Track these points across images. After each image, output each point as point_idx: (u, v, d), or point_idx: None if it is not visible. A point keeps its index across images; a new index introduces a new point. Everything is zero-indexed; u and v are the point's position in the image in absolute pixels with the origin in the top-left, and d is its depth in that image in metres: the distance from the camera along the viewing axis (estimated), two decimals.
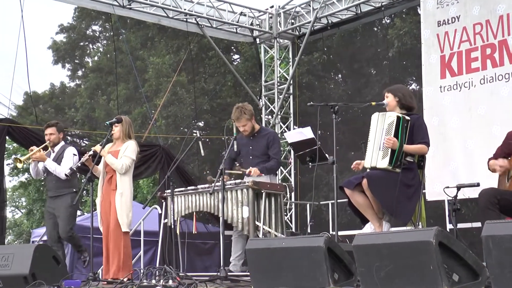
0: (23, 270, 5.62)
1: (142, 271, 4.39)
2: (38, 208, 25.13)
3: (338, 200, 5.63)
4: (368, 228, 5.73)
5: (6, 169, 21.67)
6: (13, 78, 9.35)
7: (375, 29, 15.37)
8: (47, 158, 7.28)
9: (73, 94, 22.27)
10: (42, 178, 7.71)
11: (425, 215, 5.93)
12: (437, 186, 8.18)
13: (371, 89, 14.53)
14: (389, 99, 5.76)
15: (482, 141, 8.15)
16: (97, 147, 6.64)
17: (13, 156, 7.85)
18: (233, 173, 6.83)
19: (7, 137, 9.50)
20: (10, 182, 25.85)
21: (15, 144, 21.58)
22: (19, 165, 7.39)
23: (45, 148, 7.40)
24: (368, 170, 5.72)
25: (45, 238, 7.53)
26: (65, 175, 7.08)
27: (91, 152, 6.69)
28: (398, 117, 5.51)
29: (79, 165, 6.87)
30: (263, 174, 6.70)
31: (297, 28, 12.16)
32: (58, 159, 7.34)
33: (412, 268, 3.51)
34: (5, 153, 10.54)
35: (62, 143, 7.55)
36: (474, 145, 8.32)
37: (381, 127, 5.56)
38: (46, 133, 7.48)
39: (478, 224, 7.23)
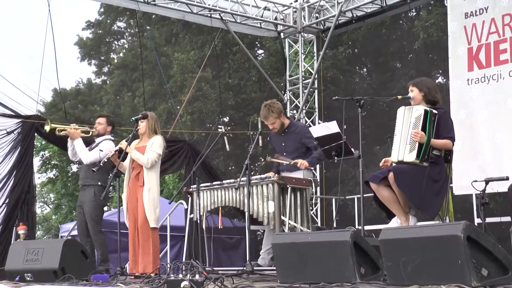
0: (52, 264, 5.72)
1: (169, 265, 4.42)
2: (65, 203, 25.42)
3: (364, 195, 5.60)
4: (395, 222, 5.69)
5: (35, 166, 21.93)
6: (41, 74, 9.44)
7: (401, 22, 15.24)
8: (79, 138, 7.34)
9: (99, 90, 22.47)
10: (65, 170, 7.79)
11: (453, 209, 5.88)
12: (464, 180, 8.11)
13: (396, 82, 14.43)
14: (414, 93, 5.70)
15: (511, 134, 8.05)
16: (123, 143, 6.66)
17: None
18: (280, 161, 6.81)
19: (35, 134, 9.61)
20: (38, 178, 26.19)
21: (43, 142, 21.90)
22: (47, 127, 7.40)
23: (86, 133, 7.46)
24: (394, 164, 5.68)
25: (73, 233, 7.60)
26: (92, 170, 7.11)
27: (116, 148, 6.72)
28: (426, 111, 5.46)
29: (106, 160, 6.89)
30: (312, 167, 6.67)
31: (322, 22, 12.11)
32: (94, 147, 7.41)
33: (440, 262, 3.48)
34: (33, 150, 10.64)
35: (108, 137, 7.59)
36: (502, 138, 8.22)
37: (408, 121, 5.52)
38: (96, 122, 7.58)
39: (507, 219, 7.16)
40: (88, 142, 7.57)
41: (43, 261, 5.85)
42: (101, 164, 6.91)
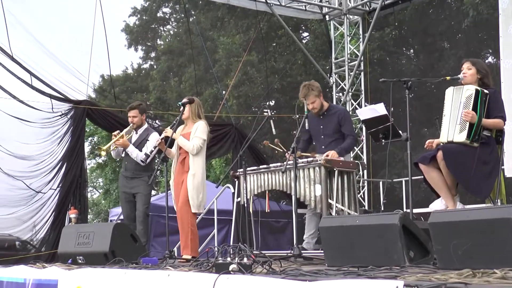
0: (103, 247, 5.81)
1: (217, 249, 4.44)
2: (114, 188, 25.87)
3: (412, 177, 5.52)
4: (439, 202, 5.60)
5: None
6: (90, 60, 9.56)
7: (449, 0, 14.91)
8: (130, 144, 7.35)
9: (146, 76, 22.69)
10: (119, 158, 7.86)
11: (505, 191, 5.75)
12: None
13: (445, 63, 14.15)
14: (471, 71, 5.53)
15: None
16: (168, 131, 6.66)
17: (97, 146, 7.93)
18: (304, 155, 6.77)
19: (86, 119, 9.76)
20: (88, 164, 26.67)
21: (91, 127, 22.26)
22: (103, 154, 7.50)
23: (129, 132, 7.50)
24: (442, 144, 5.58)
25: (122, 217, 7.70)
26: (141, 160, 7.18)
27: (162, 136, 6.73)
28: (477, 90, 5.34)
29: (153, 149, 6.95)
30: (342, 157, 6.58)
31: (367, 3, 11.94)
32: (141, 142, 7.42)
33: (491, 246, 3.40)
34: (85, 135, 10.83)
35: (146, 125, 7.64)
36: None
37: (458, 101, 5.41)
38: (129, 115, 7.54)
39: None
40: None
41: (94, 244, 5.94)
42: (150, 156, 6.96)
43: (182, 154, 6.72)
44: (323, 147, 6.85)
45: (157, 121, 11.88)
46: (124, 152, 7.50)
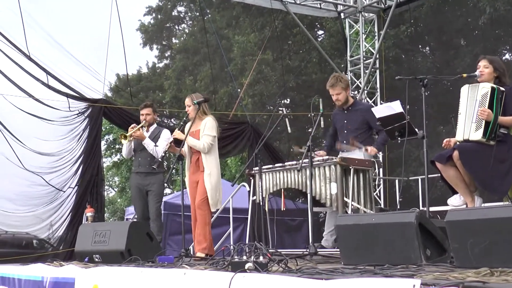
0: (119, 246, 5.84)
1: (232, 247, 4.45)
2: (130, 186, 26.02)
3: (429, 175, 5.49)
4: (457, 198, 5.57)
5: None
6: (107, 59, 9.60)
7: None
8: (146, 137, 7.43)
9: (161, 75, 22.75)
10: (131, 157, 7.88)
11: None
12: None
13: (461, 60, 14.05)
14: (488, 70, 5.48)
15: None
16: (177, 133, 6.67)
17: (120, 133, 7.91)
18: (350, 147, 6.74)
19: (103, 118, 9.81)
20: (103, 162, 26.79)
21: (106, 125, 22.36)
22: (124, 142, 7.48)
23: (142, 128, 7.54)
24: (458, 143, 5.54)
25: (129, 216, 7.73)
26: (153, 168, 7.15)
27: (171, 139, 6.75)
28: (493, 88, 5.29)
29: (163, 154, 7.01)
30: (380, 151, 6.61)
31: (382, 1, 11.89)
32: (153, 139, 7.47)
33: (509, 244, 3.37)
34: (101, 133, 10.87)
35: (155, 124, 7.71)
36: None
37: (474, 99, 5.37)
38: (143, 113, 7.59)
39: None
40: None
41: (110, 243, 5.97)
42: (160, 159, 6.99)
43: (195, 154, 6.72)
44: (344, 142, 6.82)
45: (172, 120, 11.92)
46: (135, 150, 7.55)
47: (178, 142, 6.81)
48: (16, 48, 8.94)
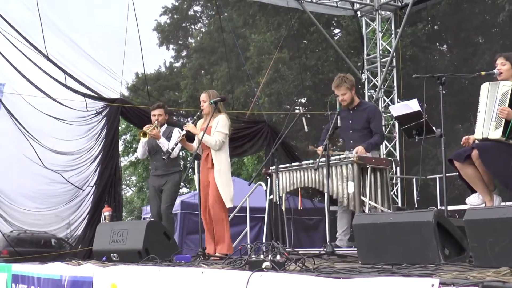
0: (137, 245, 5.86)
1: (249, 246, 4.45)
2: (147, 186, 26.10)
3: (447, 174, 5.45)
4: (476, 197, 5.53)
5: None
6: (124, 59, 9.64)
7: None
8: (161, 136, 7.44)
9: (177, 75, 22.81)
10: (147, 157, 7.90)
11: None
12: None
13: (479, 58, 13.93)
14: (506, 66, 5.43)
15: None
16: (189, 126, 6.66)
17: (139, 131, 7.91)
18: (336, 155, 6.72)
19: (120, 117, 9.85)
20: (120, 162, 26.90)
21: (123, 125, 22.47)
22: (143, 139, 7.48)
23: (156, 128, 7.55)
24: (477, 141, 5.50)
25: (144, 216, 7.75)
26: (163, 158, 7.17)
27: (183, 133, 6.75)
28: None
29: (174, 146, 7.01)
30: (369, 153, 6.53)
31: None
32: (166, 138, 7.47)
33: None
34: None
35: (166, 124, 7.72)
36: None
37: (494, 97, 5.32)
38: (154, 113, 7.61)
39: None
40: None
41: (128, 242, 6.00)
42: (171, 151, 6.99)
43: (205, 150, 6.69)
44: (351, 141, 6.80)
45: (188, 119, 11.93)
46: (149, 151, 7.59)
47: (191, 139, 6.83)
48: (34, 49, 9.01)
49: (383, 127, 11.45)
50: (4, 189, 8.83)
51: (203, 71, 21.07)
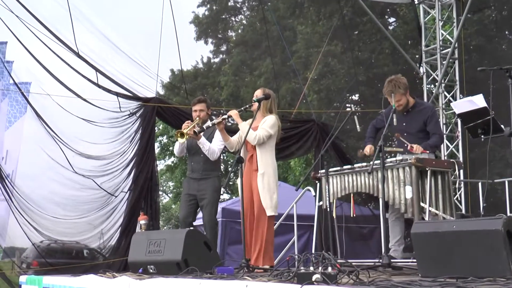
0: (175, 256, 5.87)
1: (298, 257, 4.46)
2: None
3: None
4: None
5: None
6: (159, 55, 9.69)
7: None
8: (201, 136, 7.25)
9: (217, 71, 22.89)
10: (184, 158, 7.89)
11: None
12: None
13: None
14: None
15: None
16: (233, 112, 6.61)
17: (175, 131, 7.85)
18: (391, 151, 6.69)
19: (156, 118, 9.91)
20: (157, 166, 27.18)
21: (160, 127, 22.69)
22: (181, 140, 7.35)
23: (196, 126, 7.46)
24: None
25: (195, 223, 7.72)
26: (194, 132, 7.01)
27: (225, 116, 6.68)
28: None
29: (210, 125, 6.84)
30: (428, 152, 6.47)
31: None
32: (208, 138, 7.34)
33: None
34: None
35: (209, 121, 7.64)
36: None
37: None
38: (195, 109, 7.46)
39: None
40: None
41: (166, 253, 6.03)
42: (205, 128, 6.92)
43: (250, 151, 6.67)
44: (406, 145, 6.74)
45: (229, 119, 11.98)
46: (187, 151, 7.52)
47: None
48: (64, 45, 9.09)
49: (443, 127, 11.35)
50: (33, 196, 8.96)
51: (244, 67, 21.13)
